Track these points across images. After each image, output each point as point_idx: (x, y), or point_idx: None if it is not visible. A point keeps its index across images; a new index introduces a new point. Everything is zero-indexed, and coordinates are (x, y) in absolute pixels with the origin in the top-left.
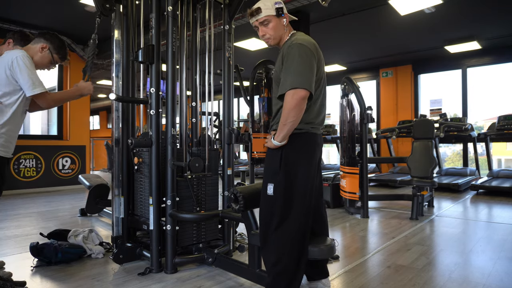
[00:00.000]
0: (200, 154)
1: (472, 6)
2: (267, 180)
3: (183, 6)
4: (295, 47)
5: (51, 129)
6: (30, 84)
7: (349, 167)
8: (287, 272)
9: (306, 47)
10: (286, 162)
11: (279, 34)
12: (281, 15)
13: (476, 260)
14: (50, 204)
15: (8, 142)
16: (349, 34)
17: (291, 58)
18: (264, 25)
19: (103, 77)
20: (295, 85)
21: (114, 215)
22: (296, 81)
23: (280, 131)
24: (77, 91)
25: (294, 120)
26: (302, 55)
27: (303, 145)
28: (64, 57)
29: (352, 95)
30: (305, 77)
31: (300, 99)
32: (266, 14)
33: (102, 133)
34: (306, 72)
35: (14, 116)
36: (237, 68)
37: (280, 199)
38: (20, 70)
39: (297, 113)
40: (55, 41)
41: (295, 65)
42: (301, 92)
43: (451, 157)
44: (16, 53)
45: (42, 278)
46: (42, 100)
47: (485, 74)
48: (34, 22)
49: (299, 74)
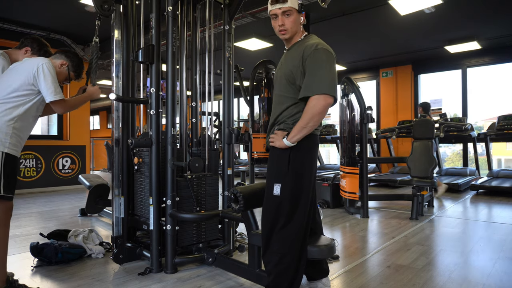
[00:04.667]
0: (200, 154)
1: (472, 6)
2: (273, 180)
3: (183, 6)
4: (322, 52)
5: (51, 129)
6: (52, 91)
7: (349, 167)
8: (289, 271)
9: (331, 54)
10: (295, 163)
11: (295, 29)
12: (301, 11)
13: (476, 260)
14: (50, 204)
15: (19, 143)
16: (349, 34)
17: (319, 62)
18: (286, 16)
19: (103, 77)
20: (323, 91)
21: (114, 215)
22: (324, 87)
23: (298, 132)
24: (89, 97)
25: (315, 125)
26: (330, 61)
27: (309, 147)
28: (79, 76)
29: (352, 95)
30: (334, 84)
31: (327, 105)
32: (292, 5)
33: (102, 133)
34: (334, 79)
35: (26, 115)
36: (237, 68)
37: (287, 199)
38: (44, 77)
39: (320, 118)
40: (74, 59)
41: (324, 70)
42: (329, 99)
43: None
44: (42, 60)
45: (42, 278)
46: (59, 106)
47: (485, 74)
48: (34, 22)
49: (329, 80)
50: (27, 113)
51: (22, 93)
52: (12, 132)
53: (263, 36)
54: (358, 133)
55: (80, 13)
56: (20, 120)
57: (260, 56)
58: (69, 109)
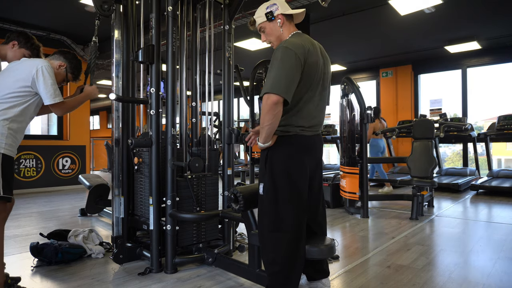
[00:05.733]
0: (200, 154)
1: (472, 6)
2: (259, 180)
3: (183, 6)
4: (279, 50)
5: (51, 129)
6: (52, 93)
7: (349, 167)
8: (282, 272)
9: (290, 51)
10: (271, 162)
11: (275, 36)
12: (271, 19)
13: (476, 260)
14: (50, 204)
15: (14, 143)
16: (349, 34)
17: (272, 62)
18: (262, 32)
19: (103, 77)
20: (267, 90)
21: (114, 215)
22: (270, 85)
23: (260, 133)
24: (86, 96)
25: (270, 124)
26: (283, 59)
27: (289, 147)
28: (77, 77)
29: (352, 95)
30: (280, 82)
31: (272, 104)
32: (259, 22)
33: (102, 133)
34: (283, 77)
35: (22, 116)
36: (237, 68)
37: (267, 198)
38: (44, 79)
39: (270, 117)
40: (73, 61)
41: (274, 69)
42: (273, 97)
43: (451, 157)
44: (41, 62)
45: (42, 278)
46: (59, 109)
47: (485, 74)
48: (34, 22)
49: (275, 79)
50: (23, 114)
51: (19, 94)
52: (7, 132)
53: None
54: (358, 133)
55: (80, 13)
56: (15, 120)
57: (260, 56)
58: (68, 110)
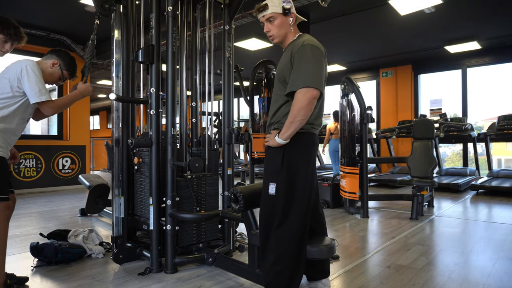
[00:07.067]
0: (200, 154)
1: (472, 6)
2: (268, 180)
3: (183, 6)
4: (308, 47)
5: (51, 129)
6: (36, 92)
7: (349, 167)
8: (287, 271)
9: (318, 49)
10: (289, 161)
11: (283, 32)
12: (287, 14)
13: (476, 260)
14: (50, 204)
15: (4, 144)
16: (349, 34)
17: (304, 58)
18: (270, 22)
19: (103, 77)
20: (307, 84)
21: (114, 215)
22: (308, 80)
23: (287, 129)
24: (79, 94)
25: (303, 119)
26: (315, 55)
27: (304, 145)
28: (73, 74)
29: (352, 95)
30: (317, 77)
31: (311, 98)
32: (272, 11)
33: (102, 133)
34: (319, 72)
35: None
36: (237, 68)
37: (282, 198)
38: (28, 78)
39: (307, 111)
40: (66, 58)
41: (308, 65)
42: (313, 91)
43: (451, 157)
44: (26, 61)
45: (42, 278)
46: (46, 107)
47: (485, 74)
48: (34, 22)
49: (312, 73)
50: (12, 115)
51: (7, 96)
52: None
53: (263, 36)
54: (358, 133)
55: (80, 13)
56: (3, 121)
57: (260, 56)
58: (58, 109)
